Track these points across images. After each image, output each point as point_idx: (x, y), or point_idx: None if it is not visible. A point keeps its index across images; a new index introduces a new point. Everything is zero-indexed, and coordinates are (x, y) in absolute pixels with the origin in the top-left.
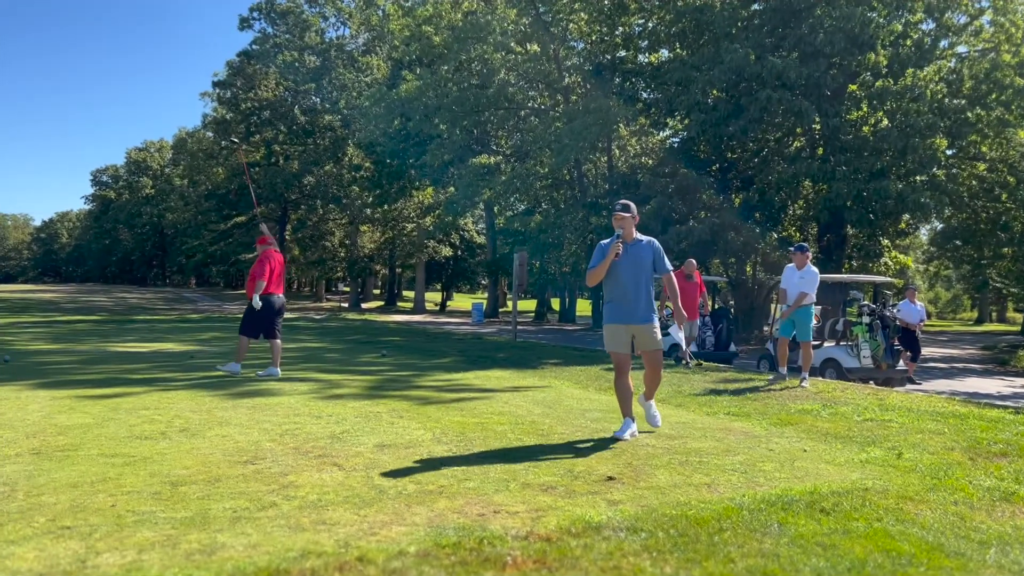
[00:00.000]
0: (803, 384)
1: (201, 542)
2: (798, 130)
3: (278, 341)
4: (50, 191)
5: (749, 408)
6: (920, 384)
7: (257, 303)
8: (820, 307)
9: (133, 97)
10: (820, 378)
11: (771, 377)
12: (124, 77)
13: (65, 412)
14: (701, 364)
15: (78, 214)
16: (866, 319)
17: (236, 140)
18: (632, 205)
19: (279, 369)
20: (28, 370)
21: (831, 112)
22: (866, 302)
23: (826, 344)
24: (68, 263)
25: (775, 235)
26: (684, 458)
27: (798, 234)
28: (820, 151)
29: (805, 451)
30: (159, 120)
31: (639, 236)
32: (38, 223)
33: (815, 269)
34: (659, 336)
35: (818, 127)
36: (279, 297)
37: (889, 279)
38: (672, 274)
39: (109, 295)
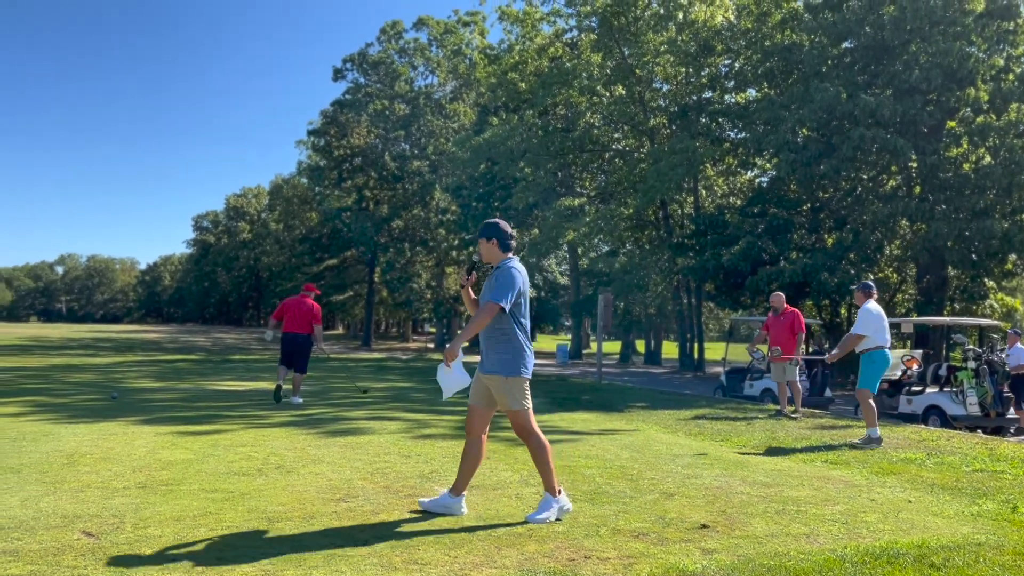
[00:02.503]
0: (865, 444)
1: None
2: (893, 168)
3: (298, 375)
4: (155, 236)
5: (848, 456)
6: None
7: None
8: (921, 351)
9: (233, 146)
10: (923, 426)
11: (859, 440)
12: (225, 127)
13: (168, 448)
14: (797, 410)
15: (180, 257)
16: (972, 364)
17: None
18: (494, 225)
19: (299, 398)
20: (134, 407)
21: (928, 149)
22: (971, 346)
23: (929, 390)
24: (170, 304)
25: (871, 276)
26: (781, 507)
27: (895, 275)
28: (917, 189)
29: (910, 502)
30: (257, 167)
31: (505, 261)
32: (143, 266)
33: (871, 307)
34: (509, 394)
35: (915, 165)
36: (287, 335)
37: (996, 322)
38: (490, 304)
39: (207, 335)
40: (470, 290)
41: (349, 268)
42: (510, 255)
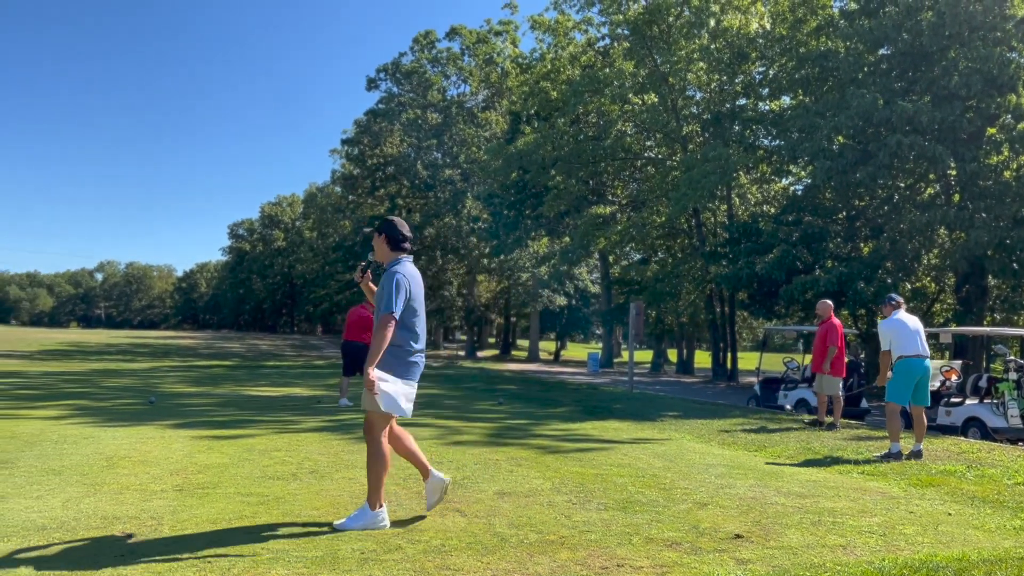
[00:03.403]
0: (883, 459)
1: None
2: (931, 176)
3: (344, 378)
4: (192, 243)
5: (885, 467)
6: None
7: None
8: (960, 362)
9: (268, 155)
10: (963, 438)
11: (882, 453)
12: (260, 137)
13: (204, 452)
14: (835, 422)
15: (216, 265)
16: (1013, 375)
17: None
18: (389, 221)
19: (345, 400)
20: (171, 411)
21: (968, 157)
22: (1012, 357)
23: (968, 402)
24: (206, 311)
25: (908, 285)
26: (816, 518)
27: (933, 285)
28: (956, 197)
29: (950, 515)
30: (291, 176)
31: (392, 264)
32: (180, 273)
33: (892, 319)
34: (371, 396)
35: (954, 172)
36: (345, 344)
37: None
38: (384, 317)
39: (242, 342)
40: (370, 284)
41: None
42: (401, 255)
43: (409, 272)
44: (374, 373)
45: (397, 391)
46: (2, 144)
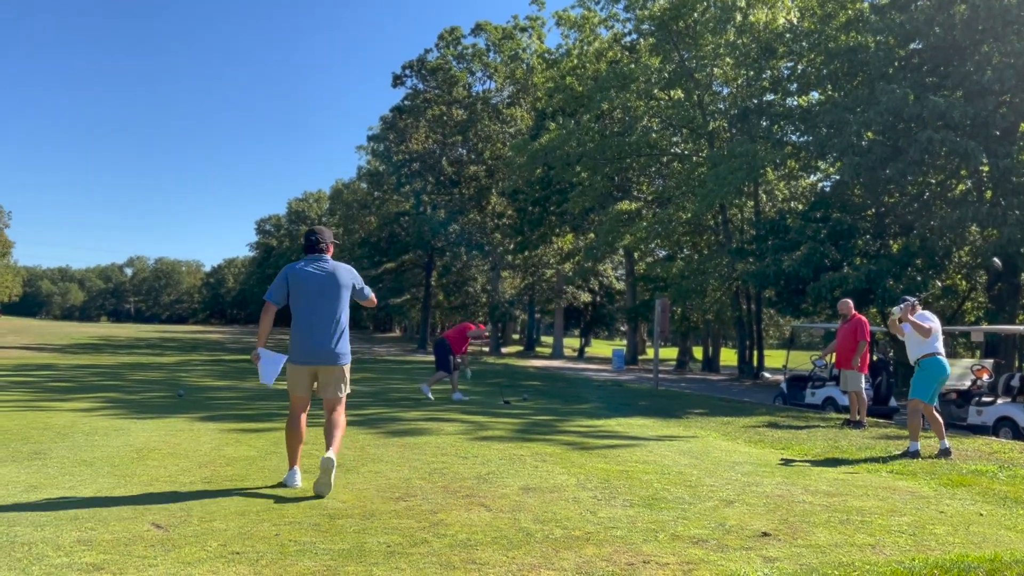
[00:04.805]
0: (902, 456)
1: (358, 575)
2: (963, 172)
3: (440, 373)
4: (219, 239)
5: (915, 466)
6: None
7: None
8: (992, 361)
9: (295, 152)
10: (994, 438)
11: (902, 451)
12: (288, 133)
13: (232, 444)
14: (861, 420)
15: (243, 260)
16: None
17: None
18: (307, 230)
19: (426, 388)
20: (199, 404)
21: (1001, 152)
22: None
23: (1000, 401)
24: (233, 306)
25: (939, 283)
26: (844, 516)
27: (964, 282)
28: (988, 194)
29: (981, 515)
30: (318, 173)
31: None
32: (208, 269)
33: (926, 315)
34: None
35: (986, 169)
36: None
37: None
38: (264, 302)
39: (269, 337)
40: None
41: (406, 272)
42: (305, 256)
43: (296, 268)
44: (256, 352)
45: (266, 365)
46: (35, 141)
